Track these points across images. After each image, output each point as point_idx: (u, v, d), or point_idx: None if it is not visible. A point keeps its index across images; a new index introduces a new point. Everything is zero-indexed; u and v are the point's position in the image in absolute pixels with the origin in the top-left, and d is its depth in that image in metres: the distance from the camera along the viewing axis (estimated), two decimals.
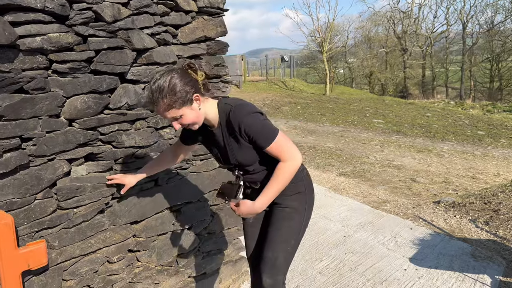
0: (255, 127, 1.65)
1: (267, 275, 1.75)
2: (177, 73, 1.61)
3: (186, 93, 1.61)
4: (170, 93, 1.57)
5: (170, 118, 1.63)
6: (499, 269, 3.18)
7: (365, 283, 2.98)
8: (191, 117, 1.65)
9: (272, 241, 1.80)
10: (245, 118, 1.65)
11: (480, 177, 7.00)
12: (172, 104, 1.58)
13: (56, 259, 1.96)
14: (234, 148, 1.74)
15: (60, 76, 1.88)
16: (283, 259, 1.78)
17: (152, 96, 1.59)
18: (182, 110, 1.61)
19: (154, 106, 1.62)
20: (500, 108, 17.84)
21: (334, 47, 25.39)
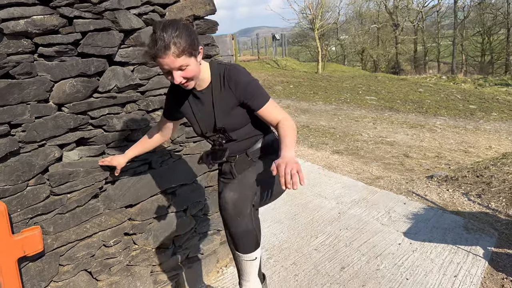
0: (251, 87, 1.63)
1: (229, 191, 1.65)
2: (182, 21, 1.55)
3: (197, 42, 1.55)
4: (183, 37, 1.49)
5: (176, 67, 1.51)
6: (491, 240, 3.24)
7: (360, 258, 3.02)
8: (195, 69, 1.56)
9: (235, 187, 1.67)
10: (243, 77, 1.63)
11: (472, 151, 7.07)
12: (185, 50, 1.49)
13: (52, 245, 1.95)
14: (222, 110, 1.69)
15: (47, 60, 1.84)
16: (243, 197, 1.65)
17: (165, 40, 1.46)
18: (190, 60, 1.53)
19: (164, 51, 1.47)
20: (491, 81, 17.88)
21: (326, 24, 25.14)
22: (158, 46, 1.48)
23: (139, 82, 2.15)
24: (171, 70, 1.53)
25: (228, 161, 1.84)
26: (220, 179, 1.98)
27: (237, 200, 1.62)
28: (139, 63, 2.15)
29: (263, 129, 1.82)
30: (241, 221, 1.63)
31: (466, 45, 32.97)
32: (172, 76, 1.55)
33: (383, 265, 2.93)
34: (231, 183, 1.72)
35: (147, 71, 2.18)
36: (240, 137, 1.76)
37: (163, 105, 2.29)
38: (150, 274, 2.44)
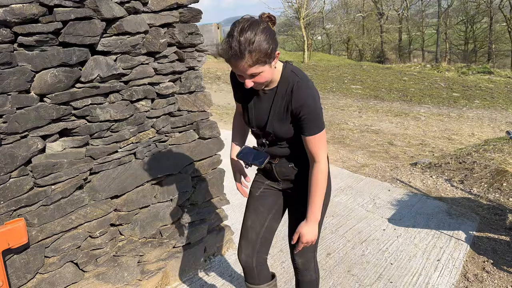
0: (313, 112, 1.56)
1: (299, 256, 1.88)
2: (263, 25, 1.45)
3: (273, 49, 1.47)
4: (260, 47, 1.41)
5: (248, 74, 1.47)
6: (473, 224, 3.33)
7: (346, 244, 3.07)
8: (268, 75, 1.51)
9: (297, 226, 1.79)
10: (309, 99, 1.56)
11: (456, 138, 7.19)
12: (260, 60, 1.43)
13: (36, 237, 1.94)
14: (277, 117, 1.64)
15: (27, 49, 1.80)
16: None
17: (240, 48, 1.39)
18: (264, 67, 1.47)
19: (237, 60, 1.42)
20: (474, 69, 18.14)
21: (311, 13, 25.08)
22: (232, 52, 1.42)
23: (122, 72, 2.12)
24: (241, 75, 1.50)
25: (269, 162, 1.79)
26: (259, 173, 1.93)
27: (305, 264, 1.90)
28: (121, 52, 2.12)
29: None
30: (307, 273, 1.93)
31: (450, 33, 33.32)
32: (243, 78, 1.51)
33: (368, 250, 2.98)
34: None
35: (130, 61, 2.16)
36: (285, 144, 1.73)
37: (147, 95, 2.28)
38: (137, 264, 2.44)
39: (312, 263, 1.91)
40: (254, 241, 1.89)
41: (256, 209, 1.89)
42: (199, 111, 2.62)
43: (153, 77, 2.31)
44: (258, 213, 1.89)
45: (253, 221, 1.89)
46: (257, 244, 1.90)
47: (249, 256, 1.89)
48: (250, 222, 1.89)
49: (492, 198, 3.77)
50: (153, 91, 2.32)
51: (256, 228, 1.89)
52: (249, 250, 1.89)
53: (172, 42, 2.38)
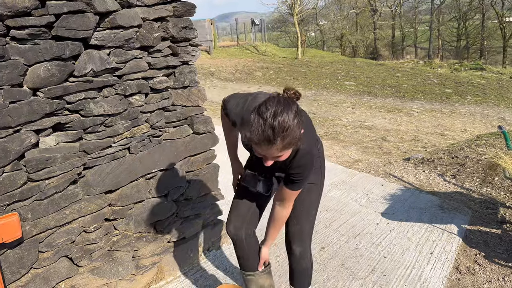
0: (300, 176, 1.65)
1: (297, 244, 1.94)
2: (294, 107, 1.39)
3: (300, 134, 1.42)
4: (292, 133, 1.36)
5: (274, 156, 1.43)
6: (465, 218, 3.36)
7: (339, 238, 3.09)
8: (288, 155, 1.49)
9: (296, 215, 1.89)
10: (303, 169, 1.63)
11: (448, 134, 7.25)
12: (290, 145, 1.39)
13: (30, 232, 1.93)
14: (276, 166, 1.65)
15: (20, 43, 1.79)
16: (308, 228, 1.93)
17: (273, 134, 1.33)
18: (290, 150, 1.45)
19: (268, 145, 1.36)
20: (466, 66, 18.27)
21: (305, 9, 25.07)
22: (263, 137, 1.35)
23: (116, 66, 2.11)
24: (266, 156, 1.45)
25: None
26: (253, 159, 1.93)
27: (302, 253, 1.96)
28: (115, 46, 2.11)
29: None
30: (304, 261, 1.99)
31: (442, 30, 33.48)
32: (264, 158, 1.48)
33: (362, 244, 3.00)
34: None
35: (124, 55, 2.15)
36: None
37: (140, 89, 2.27)
38: (132, 259, 2.44)
39: (308, 252, 1.98)
40: (244, 214, 1.95)
41: (246, 190, 1.93)
42: (193, 106, 2.61)
43: (147, 71, 2.31)
44: (248, 191, 1.92)
45: (244, 198, 1.95)
46: (247, 217, 1.96)
47: (238, 228, 1.94)
48: (241, 198, 1.95)
49: (484, 192, 3.81)
50: (147, 85, 2.31)
51: (247, 204, 1.95)
52: (238, 222, 1.94)
53: (166, 36, 2.37)
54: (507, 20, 29.15)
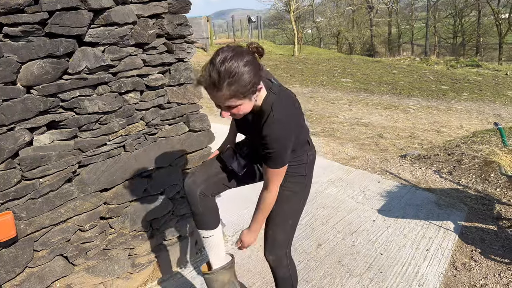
0: (275, 149, 1.54)
1: (269, 251, 1.89)
2: (247, 57, 1.39)
3: (254, 84, 1.41)
4: (239, 80, 1.36)
5: (224, 105, 1.43)
6: (461, 215, 3.37)
7: (336, 235, 3.09)
8: (246, 108, 1.47)
9: (271, 221, 1.84)
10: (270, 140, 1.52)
11: (444, 130, 7.26)
12: (238, 94, 1.38)
13: (25, 230, 1.92)
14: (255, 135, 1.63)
15: (13, 40, 1.77)
16: (282, 238, 1.86)
17: (219, 78, 1.34)
18: (242, 101, 1.43)
19: (214, 90, 1.38)
20: (462, 63, 18.30)
21: (301, 6, 25.02)
22: (210, 81, 1.37)
23: (110, 63, 2.10)
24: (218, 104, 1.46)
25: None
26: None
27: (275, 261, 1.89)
28: (109, 44, 2.09)
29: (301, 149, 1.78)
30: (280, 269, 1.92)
31: (438, 27, 33.55)
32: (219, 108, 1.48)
33: (358, 241, 3.00)
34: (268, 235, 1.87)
35: (118, 52, 2.13)
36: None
37: (136, 87, 2.26)
38: (127, 257, 2.43)
39: (284, 260, 1.91)
40: (210, 176, 1.87)
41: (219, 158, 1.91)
42: (189, 104, 2.60)
43: (142, 68, 2.29)
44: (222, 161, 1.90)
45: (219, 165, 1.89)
46: (211, 180, 1.86)
47: (197, 184, 1.82)
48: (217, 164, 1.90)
49: (480, 189, 3.82)
50: (142, 83, 2.30)
51: (218, 170, 1.89)
52: (200, 179, 1.84)
53: (161, 33, 2.35)
54: (502, 16, 29.20)
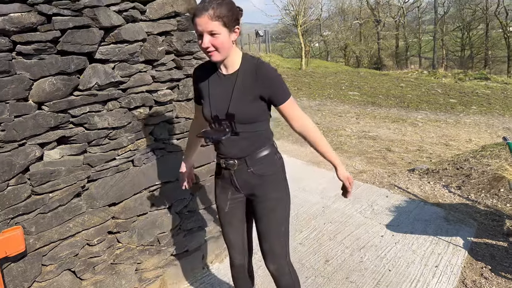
0: (278, 81, 1.68)
1: (270, 262, 1.92)
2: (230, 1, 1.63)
3: (233, 19, 1.60)
4: (225, 7, 1.56)
5: (208, 30, 1.56)
6: (471, 230, 3.33)
7: (344, 251, 3.07)
8: (224, 41, 1.60)
9: (265, 235, 1.88)
10: (272, 71, 1.69)
11: (453, 144, 7.21)
12: (220, 17, 1.55)
13: (34, 245, 1.94)
14: (241, 97, 1.69)
15: (25, 58, 1.81)
16: (279, 247, 1.89)
17: (207, 2, 1.55)
18: (222, 29, 1.58)
19: (202, 12, 1.55)
20: (471, 76, 18.22)
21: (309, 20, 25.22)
22: (200, 6, 1.57)
23: (120, 80, 2.13)
24: (202, 33, 1.58)
25: (227, 168, 1.82)
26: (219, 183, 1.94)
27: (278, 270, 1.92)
28: (119, 60, 2.13)
29: (267, 139, 1.81)
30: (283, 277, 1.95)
31: (446, 40, 33.50)
32: (202, 40, 1.59)
33: (366, 257, 2.98)
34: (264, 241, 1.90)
35: (128, 68, 2.17)
36: (244, 135, 1.73)
37: (145, 102, 2.29)
38: (135, 272, 2.44)
39: (286, 268, 1.95)
40: (241, 249, 2.03)
41: (231, 223, 1.98)
42: None
43: (151, 84, 2.32)
44: (233, 226, 1.98)
45: (233, 234, 2.00)
46: (245, 251, 2.05)
47: (241, 261, 2.05)
48: (231, 236, 2.00)
49: (489, 204, 3.78)
50: (151, 98, 2.33)
51: (238, 239, 2.01)
52: (241, 255, 2.03)
53: (170, 50, 2.39)
54: (511, 29, 29.14)
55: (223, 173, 1.88)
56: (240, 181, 1.83)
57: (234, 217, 1.97)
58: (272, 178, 1.83)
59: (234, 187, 1.87)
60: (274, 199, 1.84)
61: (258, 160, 1.79)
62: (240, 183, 1.84)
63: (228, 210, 1.94)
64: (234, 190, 1.89)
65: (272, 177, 1.83)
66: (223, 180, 1.91)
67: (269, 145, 1.82)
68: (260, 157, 1.79)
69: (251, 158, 1.78)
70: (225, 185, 1.91)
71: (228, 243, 2.03)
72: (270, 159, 1.82)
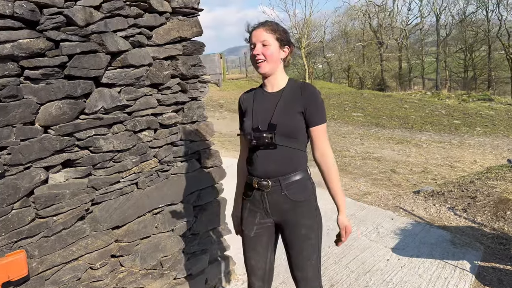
0: (320, 103, 1.79)
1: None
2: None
3: (288, 38, 1.84)
4: (279, 25, 1.84)
5: (261, 39, 1.76)
6: (478, 254, 3.28)
7: (349, 275, 3.02)
8: (273, 52, 1.77)
9: (298, 263, 1.84)
10: (318, 92, 1.82)
11: (458, 165, 7.17)
12: (274, 31, 1.78)
13: (37, 269, 1.93)
14: (284, 109, 1.77)
15: (33, 82, 1.85)
16: (312, 274, 1.85)
17: (265, 21, 1.84)
18: (274, 42, 1.77)
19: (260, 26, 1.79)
20: (474, 97, 18.26)
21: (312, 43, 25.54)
22: (259, 23, 1.83)
23: (126, 103, 2.16)
24: (256, 43, 1.78)
25: (260, 189, 1.81)
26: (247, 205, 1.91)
27: None
28: (125, 84, 2.16)
29: (302, 162, 1.83)
30: None
31: (449, 61, 33.71)
32: (255, 48, 1.78)
33: (372, 281, 2.93)
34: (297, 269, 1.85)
35: (134, 92, 2.20)
36: (282, 149, 1.75)
37: (150, 125, 2.31)
38: None
39: None
40: (262, 276, 1.94)
41: (255, 249, 1.92)
42: (201, 141, 2.64)
43: (156, 107, 2.35)
44: (257, 252, 1.92)
45: (256, 260, 1.92)
46: (266, 278, 1.95)
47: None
48: (254, 262, 1.93)
49: (496, 227, 3.73)
50: (156, 121, 2.35)
51: (261, 266, 1.93)
52: (261, 282, 1.94)
53: (176, 74, 2.43)
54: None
55: (254, 195, 1.84)
56: (272, 204, 1.81)
57: (259, 243, 1.91)
58: (305, 204, 1.82)
59: (265, 210, 1.84)
60: (306, 226, 1.81)
61: (292, 184, 1.78)
62: (271, 207, 1.81)
63: (254, 235, 1.90)
64: (264, 214, 1.85)
65: (305, 203, 1.82)
66: (252, 203, 1.87)
67: (304, 169, 1.84)
68: (294, 180, 1.79)
69: (285, 179, 1.77)
70: (254, 208, 1.87)
71: (250, 269, 1.95)
72: (304, 184, 1.82)
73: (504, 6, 29.14)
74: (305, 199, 1.81)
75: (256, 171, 1.80)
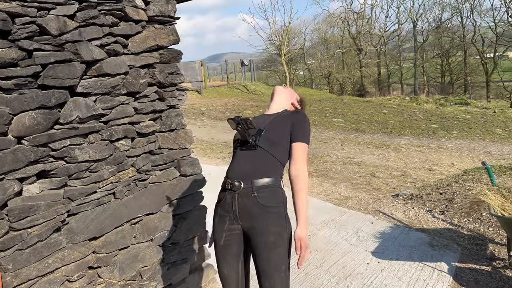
0: (306, 125, 2.01)
1: None
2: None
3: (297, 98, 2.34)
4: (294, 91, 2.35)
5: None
6: (455, 255, 3.34)
7: (330, 280, 3.04)
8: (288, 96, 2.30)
9: (265, 272, 1.83)
10: (306, 117, 2.08)
11: (436, 169, 7.32)
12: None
13: (11, 283, 1.88)
14: (275, 121, 2.04)
15: (5, 93, 1.81)
16: (280, 285, 1.84)
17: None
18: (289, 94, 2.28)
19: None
20: (452, 101, 18.71)
21: (292, 50, 25.77)
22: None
23: (102, 112, 2.14)
24: None
25: (232, 189, 1.86)
26: (218, 211, 1.96)
27: None
28: (101, 93, 2.14)
29: (277, 170, 1.94)
30: None
31: (427, 67, 34.50)
32: None
33: (353, 285, 2.96)
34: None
35: (110, 101, 2.18)
36: (261, 152, 1.91)
37: (127, 134, 2.29)
38: None
39: None
40: (236, 284, 1.95)
41: (225, 258, 1.94)
42: (180, 149, 2.63)
43: (133, 116, 2.33)
44: (228, 262, 1.94)
45: (227, 270, 1.95)
46: (240, 285, 1.97)
47: None
48: (226, 271, 1.95)
49: (472, 228, 3.82)
50: (133, 130, 2.34)
51: (234, 277, 1.95)
52: None
53: (153, 82, 2.42)
54: (488, 56, 30.20)
55: (225, 197, 1.91)
56: (241, 208, 1.84)
57: (229, 253, 1.92)
58: (274, 211, 1.84)
59: (234, 214, 1.86)
60: (275, 233, 1.82)
61: (264, 187, 1.84)
62: (241, 210, 1.84)
63: (223, 243, 1.92)
64: (233, 218, 1.88)
65: (274, 209, 1.84)
66: (222, 207, 1.92)
67: (278, 178, 1.92)
68: (266, 184, 1.85)
69: (257, 182, 1.84)
70: (224, 213, 1.91)
71: (222, 278, 1.96)
72: (275, 191, 1.88)
73: (478, 12, 30.01)
74: (274, 205, 1.85)
75: (232, 171, 1.91)
